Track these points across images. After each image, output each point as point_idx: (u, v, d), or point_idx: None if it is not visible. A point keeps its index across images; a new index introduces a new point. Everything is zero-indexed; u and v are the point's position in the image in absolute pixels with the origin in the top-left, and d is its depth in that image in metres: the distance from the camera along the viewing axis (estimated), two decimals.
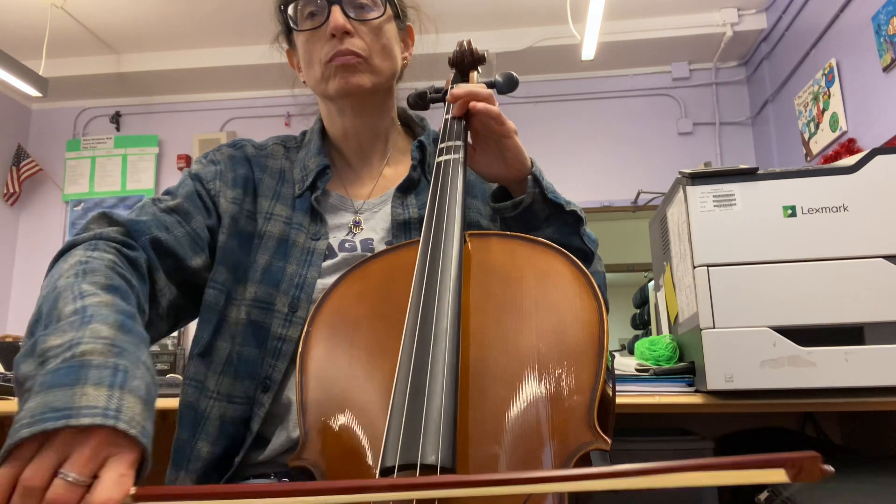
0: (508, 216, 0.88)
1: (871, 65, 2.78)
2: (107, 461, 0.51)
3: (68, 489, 0.49)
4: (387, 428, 0.57)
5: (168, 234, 0.83)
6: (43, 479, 0.49)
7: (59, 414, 0.51)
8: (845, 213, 1.22)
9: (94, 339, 0.58)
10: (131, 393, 0.55)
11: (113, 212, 0.81)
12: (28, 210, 4.60)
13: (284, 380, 0.83)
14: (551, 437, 0.58)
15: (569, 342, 0.64)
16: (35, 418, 0.51)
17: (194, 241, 0.85)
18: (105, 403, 0.52)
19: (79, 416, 0.51)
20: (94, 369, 0.55)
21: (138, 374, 0.57)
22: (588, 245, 0.91)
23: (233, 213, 0.90)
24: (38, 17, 3.73)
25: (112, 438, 0.52)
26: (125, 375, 0.56)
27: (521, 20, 3.95)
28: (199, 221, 0.87)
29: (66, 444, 0.51)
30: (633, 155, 4.19)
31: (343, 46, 0.87)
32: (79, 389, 0.53)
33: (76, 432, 0.51)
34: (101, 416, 0.51)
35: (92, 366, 0.55)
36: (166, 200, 0.87)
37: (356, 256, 0.89)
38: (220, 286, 0.86)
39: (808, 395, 1.19)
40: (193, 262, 0.85)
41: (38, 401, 0.52)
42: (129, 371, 0.57)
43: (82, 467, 0.50)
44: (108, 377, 0.55)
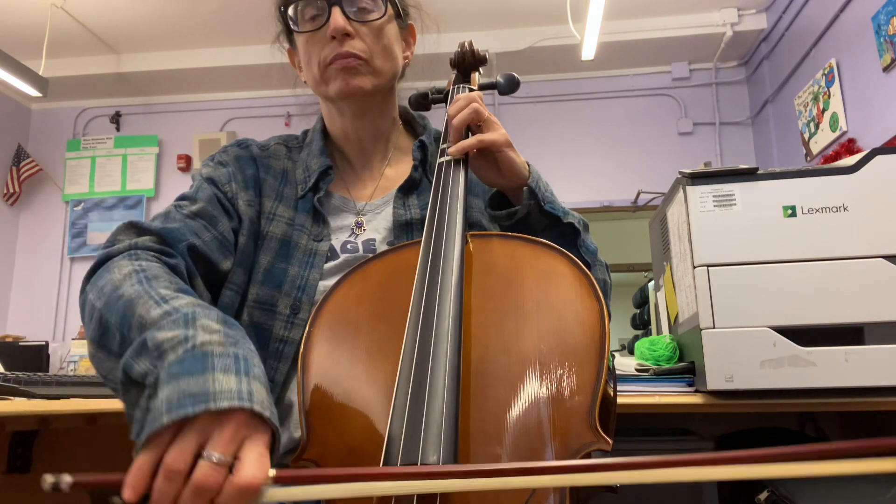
0: (504, 225, 0.88)
1: (871, 65, 2.78)
2: (245, 442, 0.52)
3: (214, 469, 0.50)
4: (388, 428, 0.57)
5: (199, 239, 0.82)
6: (187, 462, 0.50)
7: (196, 399, 0.52)
8: (845, 213, 1.22)
9: (207, 332, 0.58)
10: (256, 379, 0.56)
11: (140, 221, 0.80)
12: (28, 210, 4.60)
13: (286, 381, 0.83)
14: (553, 437, 0.58)
15: (570, 343, 0.64)
16: (173, 404, 0.52)
17: (222, 244, 0.85)
18: (237, 388, 0.54)
19: (217, 401, 0.52)
20: (218, 358, 0.56)
21: (255, 362, 0.59)
22: (586, 256, 0.90)
23: (251, 215, 0.90)
24: (38, 17, 3.73)
25: (249, 421, 0.53)
26: (247, 363, 0.57)
27: (521, 20, 3.95)
28: (224, 225, 0.87)
29: (206, 428, 0.52)
30: (633, 155, 4.20)
31: (343, 49, 0.87)
32: (210, 376, 0.54)
33: (215, 416, 0.52)
34: (237, 399, 0.53)
35: (215, 355, 0.56)
36: (188, 206, 0.86)
37: (358, 257, 0.88)
38: (237, 287, 0.86)
39: (808, 395, 1.19)
40: (224, 265, 0.85)
41: (170, 389, 0.53)
42: (249, 359, 0.58)
43: (224, 448, 0.51)
44: (232, 365, 0.56)
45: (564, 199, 0.92)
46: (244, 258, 0.87)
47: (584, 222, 0.93)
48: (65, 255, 4.51)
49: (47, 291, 4.44)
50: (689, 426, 1.62)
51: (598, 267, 0.95)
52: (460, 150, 0.83)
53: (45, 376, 1.41)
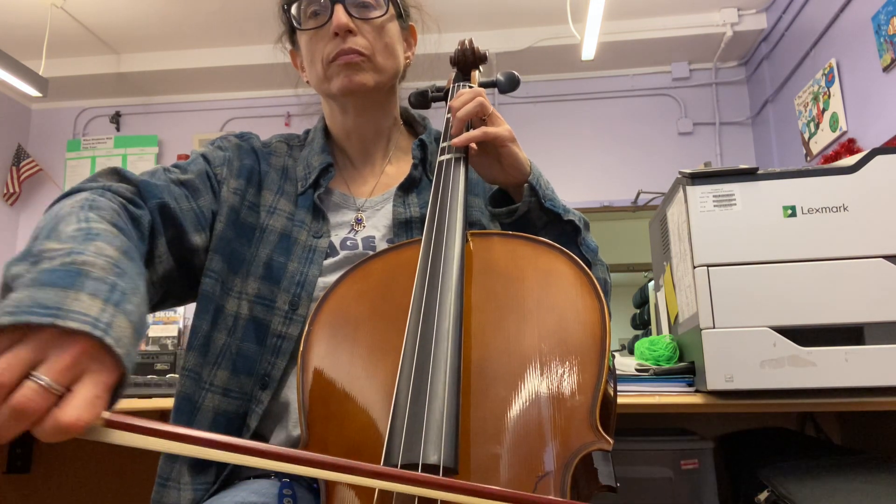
0: (504, 222, 0.88)
1: (871, 65, 2.78)
2: (83, 375, 0.47)
3: (39, 393, 0.45)
4: (389, 427, 0.57)
5: (176, 203, 0.82)
6: (13, 377, 0.45)
7: (46, 311, 0.47)
8: (845, 213, 1.22)
9: (97, 254, 0.55)
10: (125, 314, 0.52)
11: (124, 170, 0.80)
12: (28, 210, 4.60)
13: (284, 378, 0.83)
14: (553, 437, 0.58)
15: (571, 342, 0.64)
16: (20, 308, 0.47)
17: (198, 218, 0.85)
18: (97, 314, 0.49)
19: (67, 318, 0.47)
20: (92, 280, 0.52)
21: (134, 300, 0.55)
22: (586, 254, 0.90)
23: (233, 203, 0.89)
24: (38, 17, 3.73)
25: (95, 352, 0.48)
26: (122, 296, 0.53)
27: (521, 20, 3.95)
28: (206, 201, 0.87)
29: (46, 345, 0.47)
30: (633, 155, 4.19)
31: (346, 45, 0.88)
32: (73, 293, 0.49)
33: (60, 334, 0.47)
34: (90, 324, 0.48)
35: (90, 276, 0.52)
36: (177, 173, 0.86)
37: (358, 254, 0.89)
38: (216, 275, 0.86)
39: (808, 395, 1.19)
40: (194, 238, 0.84)
41: (25, 294, 0.49)
42: (127, 294, 0.54)
43: (58, 374, 0.46)
44: (104, 292, 0.52)
45: (565, 199, 0.92)
46: (222, 246, 0.87)
47: (584, 220, 0.93)
48: None
49: None
50: (689, 426, 1.62)
51: (599, 266, 0.95)
52: (465, 140, 0.82)
53: None
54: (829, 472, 1.22)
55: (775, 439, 1.59)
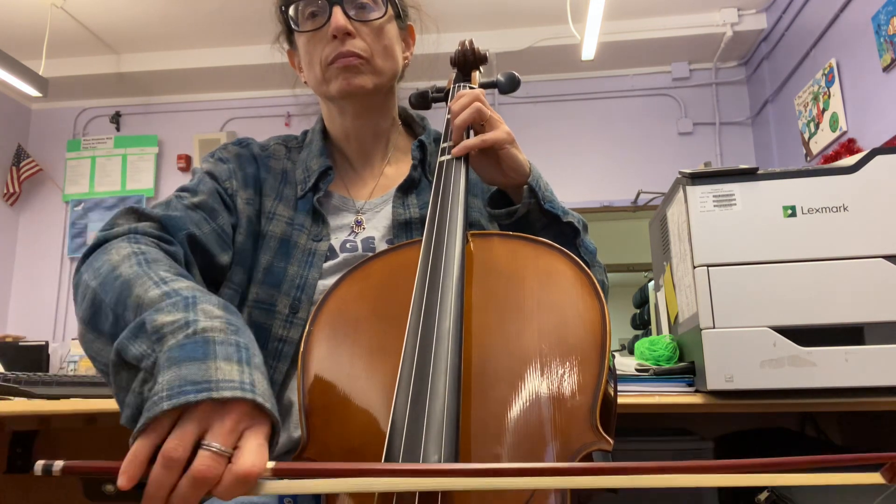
0: (503, 223, 0.88)
1: (871, 65, 2.78)
2: (245, 433, 0.51)
3: (214, 459, 0.49)
4: (389, 428, 0.57)
5: (200, 230, 0.82)
6: (186, 451, 0.49)
7: (198, 387, 0.51)
8: (845, 213, 1.22)
9: (208, 318, 0.57)
10: (257, 369, 0.56)
11: (141, 207, 0.80)
12: (28, 210, 4.60)
13: (285, 381, 0.83)
14: (554, 437, 0.58)
15: (571, 342, 0.64)
16: (174, 391, 0.51)
17: (221, 238, 0.85)
18: (240, 377, 0.53)
19: (220, 389, 0.51)
20: (220, 345, 0.55)
21: (256, 351, 0.58)
22: (584, 256, 0.90)
23: (249, 214, 0.90)
24: (38, 17, 3.73)
25: (250, 411, 0.52)
26: (248, 352, 0.56)
27: (521, 20, 3.95)
28: (224, 219, 0.87)
29: (207, 417, 0.51)
30: (633, 155, 4.20)
31: (345, 48, 0.87)
32: (212, 364, 0.53)
33: (216, 405, 0.51)
34: (239, 389, 0.52)
35: (216, 342, 0.55)
36: (189, 197, 0.86)
37: (357, 256, 0.89)
38: (236, 287, 0.86)
39: (808, 395, 1.19)
40: (222, 259, 0.85)
41: (171, 374, 0.52)
42: (250, 348, 0.57)
43: (225, 438, 0.50)
44: (234, 353, 0.55)
45: (564, 199, 0.92)
46: (243, 257, 0.88)
47: (583, 222, 0.93)
48: (65, 255, 4.51)
49: (47, 291, 4.44)
50: (689, 426, 1.62)
51: (597, 268, 0.95)
52: (463, 149, 0.83)
53: (45, 376, 1.40)
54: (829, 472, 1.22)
55: (775, 439, 1.59)
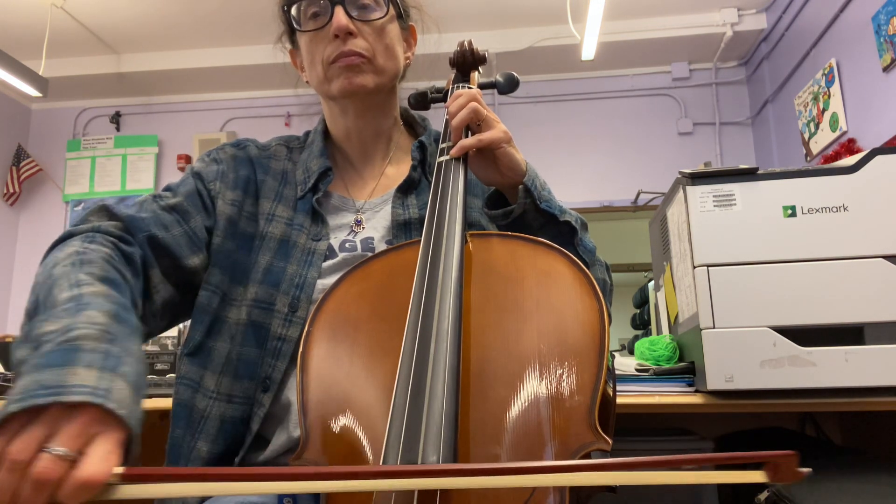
0: (501, 224, 0.88)
1: (871, 65, 2.78)
2: (94, 439, 0.51)
3: (54, 462, 0.49)
4: (388, 428, 0.57)
5: (166, 232, 0.83)
6: (29, 453, 0.49)
7: (49, 391, 0.51)
8: (845, 213, 1.22)
9: (88, 324, 0.59)
10: (121, 377, 0.56)
11: (113, 206, 0.81)
12: (28, 210, 4.60)
13: (284, 380, 0.83)
14: (552, 437, 0.58)
15: (570, 342, 0.64)
16: (25, 394, 0.51)
17: (192, 240, 0.85)
18: (95, 383, 0.53)
19: (69, 394, 0.51)
20: (87, 353, 0.56)
21: (129, 361, 0.58)
22: (583, 255, 0.90)
23: (230, 214, 0.89)
24: (38, 17, 3.73)
25: (100, 417, 0.52)
26: (116, 360, 0.57)
27: (521, 20, 3.95)
28: (197, 221, 0.87)
29: (55, 421, 0.51)
30: (633, 155, 4.19)
31: (347, 47, 0.88)
32: (70, 370, 0.53)
33: (65, 409, 0.51)
34: (90, 394, 0.52)
35: (85, 349, 0.56)
36: (167, 198, 0.87)
37: (356, 256, 0.89)
38: (214, 288, 0.86)
39: (808, 395, 1.19)
40: (190, 261, 0.85)
41: (29, 379, 0.53)
42: (120, 357, 0.57)
43: (70, 442, 0.50)
44: (99, 360, 0.55)
45: (564, 199, 0.92)
46: (221, 258, 0.87)
47: (581, 221, 0.93)
48: None
49: None
50: (689, 426, 1.62)
51: (598, 266, 0.95)
52: (461, 149, 0.83)
53: None
54: (829, 472, 1.22)
55: (775, 439, 1.59)
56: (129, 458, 0.54)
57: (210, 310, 0.85)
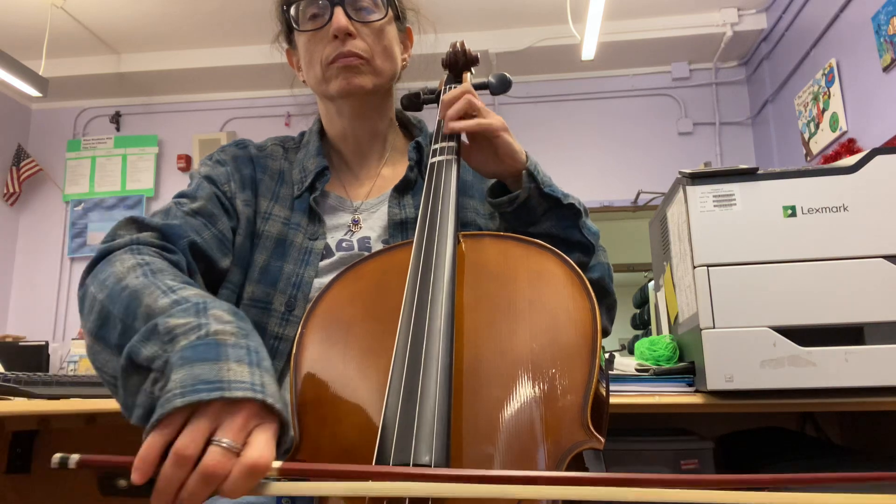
0: (506, 211, 0.88)
1: (871, 65, 2.78)
2: (253, 431, 0.53)
3: (224, 455, 0.50)
4: (381, 428, 0.57)
5: (200, 237, 0.83)
6: (198, 448, 0.50)
7: (211, 386, 0.52)
8: (845, 213, 1.22)
9: (219, 322, 0.59)
10: (267, 371, 0.57)
11: (141, 217, 0.81)
12: (28, 210, 4.60)
13: (281, 379, 0.83)
14: (545, 436, 0.58)
15: (562, 342, 0.64)
16: (187, 389, 0.52)
17: (222, 242, 0.86)
18: (251, 379, 0.54)
19: (231, 389, 0.52)
20: (232, 348, 0.56)
21: (265, 355, 0.59)
22: (588, 237, 0.91)
23: (248, 215, 0.90)
24: (38, 17, 3.73)
25: (260, 411, 0.54)
26: (258, 356, 0.58)
27: (521, 20, 3.95)
28: (224, 223, 0.87)
29: (218, 415, 0.52)
30: (633, 155, 4.19)
31: (345, 48, 0.88)
32: (224, 365, 0.54)
33: (227, 404, 0.52)
34: (250, 389, 0.53)
35: (228, 345, 0.57)
36: (188, 203, 0.86)
37: (353, 255, 0.89)
38: (234, 286, 0.87)
39: (808, 395, 1.19)
40: (223, 263, 0.85)
41: (184, 373, 0.53)
42: (259, 352, 0.59)
43: (235, 435, 0.51)
44: (245, 356, 0.56)
45: None
46: (240, 257, 0.88)
47: (583, 205, 0.93)
48: (65, 255, 4.51)
49: (47, 291, 4.44)
50: (689, 426, 1.62)
51: (602, 251, 0.96)
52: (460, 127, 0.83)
53: (45, 376, 1.41)
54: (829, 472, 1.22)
55: (775, 439, 1.59)
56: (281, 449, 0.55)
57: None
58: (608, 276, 0.95)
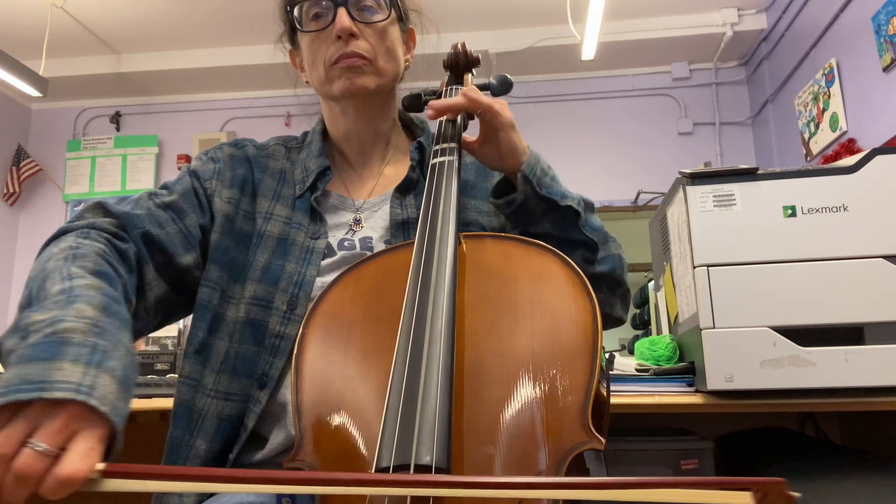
0: (505, 213, 0.88)
1: (871, 65, 2.78)
2: (76, 435, 0.51)
3: (36, 458, 0.49)
4: (382, 429, 0.57)
5: (160, 229, 0.83)
6: (11, 447, 0.50)
7: (32, 386, 0.52)
8: (845, 213, 1.22)
9: (77, 318, 0.59)
10: (107, 372, 0.56)
11: (109, 203, 0.82)
12: (28, 210, 4.60)
13: (282, 377, 0.83)
14: (546, 437, 0.58)
15: (563, 343, 0.64)
16: (9, 389, 0.52)
17: (186, 238, 0.86)
18: (79, 379, 0.53)
19: (51, 390, 0.52)
20: (74, 346, 0.56)
21: (117, 355, 0.58)
22: (591, 235, 0.90)
23: (227, 212, 0.90)
24: (38, 17, 3.73)
25: (83, 413, 0.52)
26: (103, 355, 0.57)
27: (521, 20, 3.95)
28: (192, 219, 0.88)
29: (37, 416, 0.51)
30: (633, 155, 4.19)
31: (349, 49, 0.88)
32: (55, 364, 0.54)
33: (48, 405, 0.52)
34: (73, 391, 0.52)
35: (72, 343, 0.56)
36: (163, 195, 0.88)
37: (355, 255, 0.89)
38: (213, 284, 0.87)
39: (808, 395, 1.19)
40: (184, 259, 0.85)
41: (14, 372, 0.53)
42: (108, 351, 0.58)
43: (51, 438, 0.50)
44: (86, 355, 0.56)
45: None
46: (219, 254, 0.88)
47: (585, 202, 0.93)
48: None
49: None
50: (689, 426, 1.62)
51: (612, 242, 0.95)
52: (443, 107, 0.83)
53: None
54: (829, 472, 1.22)
55: (775, 439, 1.59)
56: (112, 454, 0.54)
57: (211, 306, 0.86)
58: (620, 267, 0.95)
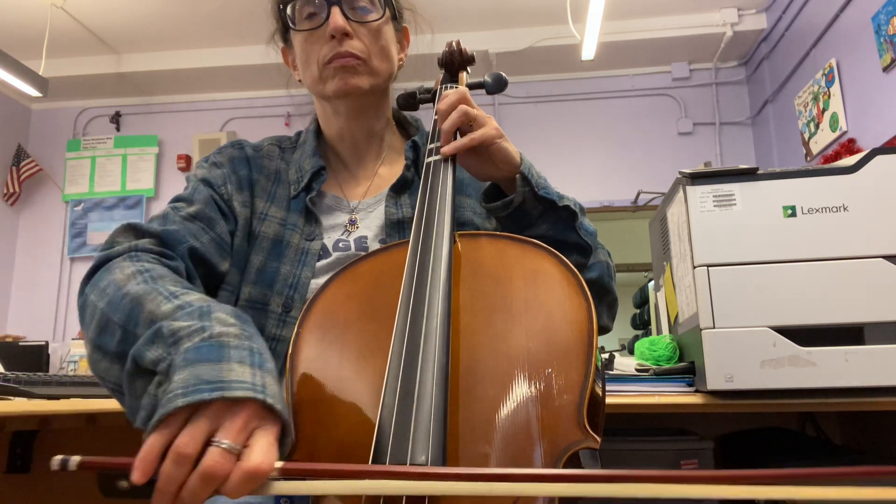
0: (501, 216, 0.87)
1: (871, 65, 2.78)
2: (255, 432, 0.53)
3: (223, 456, 0.50)
4: (377, 428, 0.57)
5: (198, 242, 0.82)
6: (197, 447, 0.50)
7: (212, 386, 0.52)
8: (845, 213, 1.22)
9: (222, 325, 0.59)
10: (269, 373, 0.57)
11: (140, 224, 0.80)
12: (28, 210, 4.60)
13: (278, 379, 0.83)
14: (541, 435, 0.58)
15: (558, 341, 0.64)
16: (189, 389, 0.52)
17: (220, 246, 0.85)
18: (252, 379, 0.54)
19: (232, 389, 0.52)
20: (234, 349, 0.57)
21: (268, 357, 0.60)
22: (585, 238, 0.89)
23: (245, 215, 0.90)
24: (38, 17, 3.73)
25: (260, 412, 0.53)
26: (261, 357, 0.58)
27: (521, 20, 3.95)
28: (221, 227, 0.87)
29: (219, 415, 0.52)
30: (633, 155, 4.19)
31: (342, 48, 0.88)
32: (225, 365, 0.55)
33: (228, 404, 0.52)
34: (251, 390, 0.53)
35: (231, 346, 0.57)
36: (185, 208, 0.85)
37: (350, 255, 0.88)
38: (233, 288, 0.87)
39: (808, 395, 1.19)
40: (222, 267, 0.85)
41: (186, 374, 0.53)
42: (263, 353, 0.59)
43: (235, 436, 0.51)
44: (247, 357, 0.57)
45: None
46: (238, 259, 0.88)
47: (579, 205, 0.92)
48: (65, 255, 4.51)
49: (47, 291, 4.44)
50: (688, 426, 1.62)
51: (601, 249, 0.95)
52: (454, 149, 0.82)
53: (45, 376, 1.41)
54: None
55: (775, 439, 1.59)
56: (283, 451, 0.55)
57: None
58: (608, 275, 0.94)
